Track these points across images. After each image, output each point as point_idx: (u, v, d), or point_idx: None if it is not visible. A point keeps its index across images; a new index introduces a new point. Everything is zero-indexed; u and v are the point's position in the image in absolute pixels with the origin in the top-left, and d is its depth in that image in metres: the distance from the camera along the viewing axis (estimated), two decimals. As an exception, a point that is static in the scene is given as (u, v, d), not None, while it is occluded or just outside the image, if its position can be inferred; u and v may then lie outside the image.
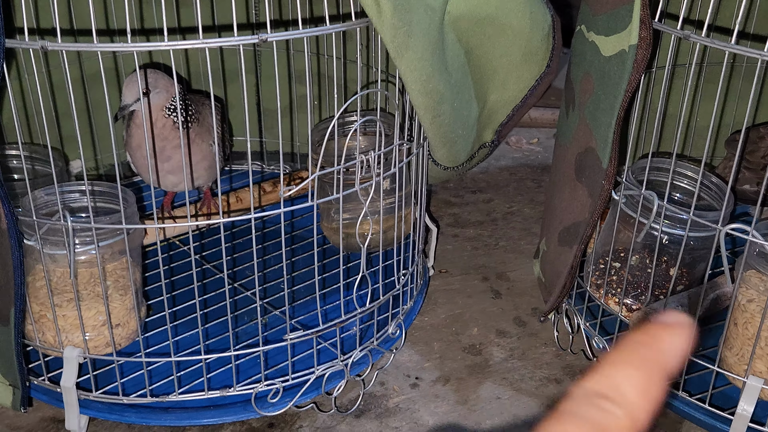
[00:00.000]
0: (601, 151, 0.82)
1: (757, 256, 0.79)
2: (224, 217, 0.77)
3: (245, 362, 0.89)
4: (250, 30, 1.23)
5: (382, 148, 0.83)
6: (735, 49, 0.70)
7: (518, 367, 1.01)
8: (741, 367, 0.82)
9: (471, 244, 1.29)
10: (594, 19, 0.84)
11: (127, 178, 1.22)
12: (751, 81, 1.13)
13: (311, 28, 0.72)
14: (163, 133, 0.94)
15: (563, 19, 1.02)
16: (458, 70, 0.90)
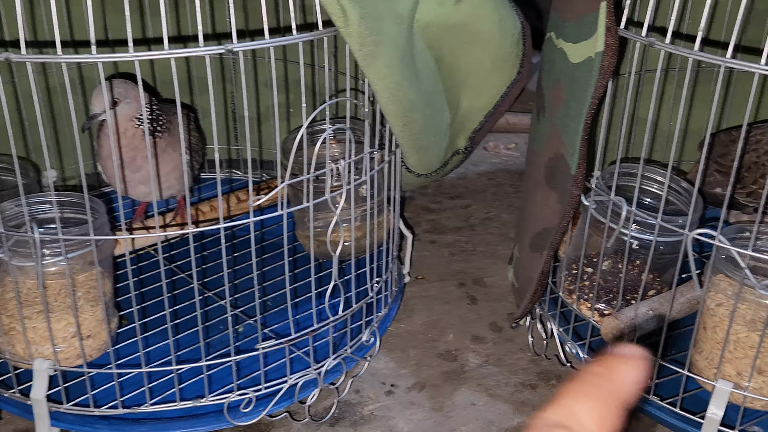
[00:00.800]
0: (570, 157, 0.82)
1: (725, 261, 0.80)
2: (194, 227, 0.76)
3: (218, 372, 0.88)
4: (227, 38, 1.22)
5: (352, 156, 0.83)
6: (699, 56, 0.70)
7: (494, 373, 1.01)
8: (711, 371, 0.83)
9: (448, 250, 1.29)
10: (563, 26, 0.84)
11: (94, 188, 1.21)
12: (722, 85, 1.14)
13: (278, 38, 0.72)
14: (133, 143, 0.94)
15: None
16: (429, 77, 0.90)
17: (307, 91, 1.22)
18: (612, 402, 0.24)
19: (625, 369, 0.25)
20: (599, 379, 0.24)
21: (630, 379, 0.25)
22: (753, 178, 0.94)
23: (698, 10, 1.05)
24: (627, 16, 0.78)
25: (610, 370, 0.25)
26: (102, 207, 0.87)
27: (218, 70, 1.26)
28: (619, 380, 0.25)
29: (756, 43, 1.11)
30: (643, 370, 0.25)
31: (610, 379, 0.24)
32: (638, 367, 0.25)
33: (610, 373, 0.25)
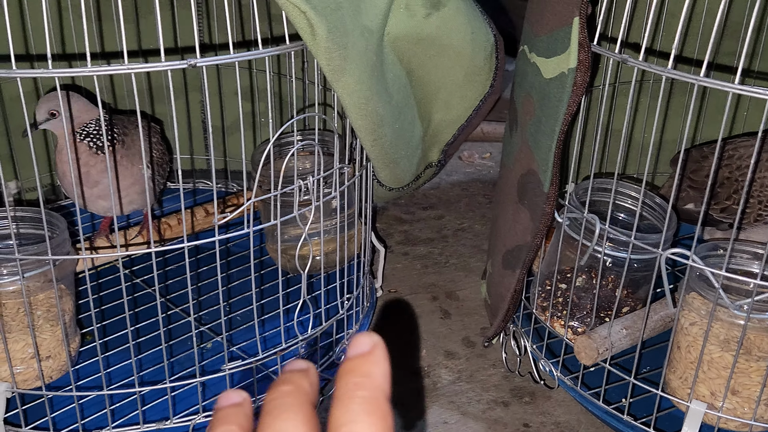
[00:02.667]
0: (542, 174, 0.81)
1: (699, 279, 0.79)
2: (156, 245, 0.74)
3: (185, 392, 0.86)
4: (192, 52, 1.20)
5: (321, 171, 0.81)
6: (672, 74, 0.69)
7: (466, 390, 1.00)
8: (685, 391, 0.82)
9: (421, 263, 1.27)
10: (536, 40, 0.83)
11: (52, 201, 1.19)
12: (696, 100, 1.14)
13: (243, 52, 0.70)
14: (83, 157, 0.92)
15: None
16: (399, 91, 0.89)
17: (277, 101, 1.20)
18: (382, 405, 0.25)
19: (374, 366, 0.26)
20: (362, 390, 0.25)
21: (382, 373, 0.26)
22: (726, 193, 0.93)
23: (672, 24, 1.04)
24: (600, 31, 0.77)
25: (365, 375, 0.26)
26: (63, 223, 0.84)
27: (189, 79, 1.23)
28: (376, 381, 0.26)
29: (731, 56, 1.11)
30: (385, 356, 0.26)
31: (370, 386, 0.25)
32: (383, 358, 0.26)
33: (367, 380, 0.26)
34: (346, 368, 0.26)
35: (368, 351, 0.26)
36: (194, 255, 1.11)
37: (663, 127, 1.15)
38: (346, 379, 0.26)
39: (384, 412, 0.25)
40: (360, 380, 0.26)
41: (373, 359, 0.26)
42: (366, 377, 0.26)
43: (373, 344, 0.27)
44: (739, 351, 0.77)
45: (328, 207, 0.97)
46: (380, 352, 0.27)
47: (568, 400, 0.97)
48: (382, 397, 0.25)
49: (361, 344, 0.27)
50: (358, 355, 0.26)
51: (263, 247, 1.13)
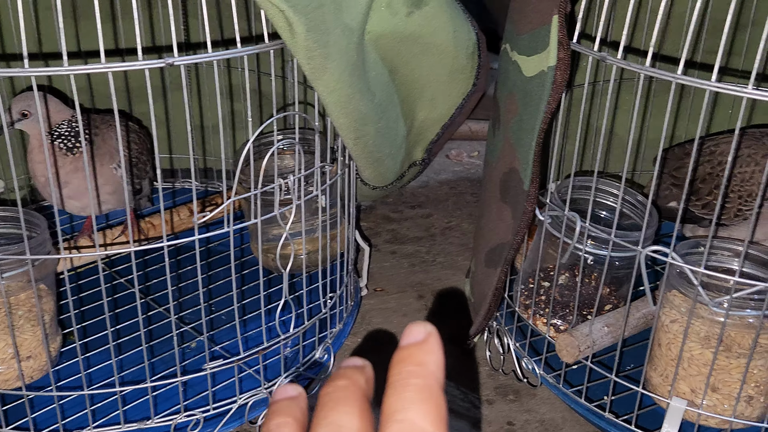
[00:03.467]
0: (523, 172, 0.81)
1: (679, 277, 0.79)
2: (136, 244, 0.74)
3: (166, 391, 0.86)
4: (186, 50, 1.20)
5: (302, 170, 0.81)
6: (650, 72, 0.69)
7: (451, 389, 1.00)
8: (666, 388, 0.82)
9: (408, 261, 1.27)
10: (517, 39, 0.83)
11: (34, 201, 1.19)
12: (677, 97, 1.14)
13: (221, 51, 0.70)
14: (53, 158, 0.92)
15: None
16: (382, 89, 0.88)
17: (258, 100, 1.20)
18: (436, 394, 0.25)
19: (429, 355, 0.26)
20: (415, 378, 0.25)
21: (436, 362, 0.26)
22: (708, 189, 0.94)
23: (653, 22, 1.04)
24: (580, 29, 0.77)
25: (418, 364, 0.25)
26: (43, 222, 0.84)
27: (173, 79, 1.23)
28: (430, 369, 0.25)
29: (714, 53, 1.11)
30: (439, 345, 0.26)
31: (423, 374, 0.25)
32: (437, 346, 0.26)
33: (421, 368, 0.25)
34: (399, 356, 0.26)
35: (422, 340, 0.26)
36: (178, 254, 1.11)
37: (646, 126, 1.15)
38: (400, 368, 0.26)
39: (438, 401, 0.25)
40: (413, 368, 0.25)
41: (427, 348, 0.26)
42: (420, 365, 0.26)
43: (427, 333, 0.26)
44: (719, 348, 0.77)
45: (311, 206, 0.97)
46: (434, 341, 0.26)
47: (553, 398, 0.97)
48: (436, 386, 0.25)
49: (415, 333, 0.26)
50: (412, 344, 0.26)
51: (248, 247, 1.13)
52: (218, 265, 1.08)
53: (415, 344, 0.26)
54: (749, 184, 0.91)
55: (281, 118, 1.15)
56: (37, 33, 1.11)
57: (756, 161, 0.91)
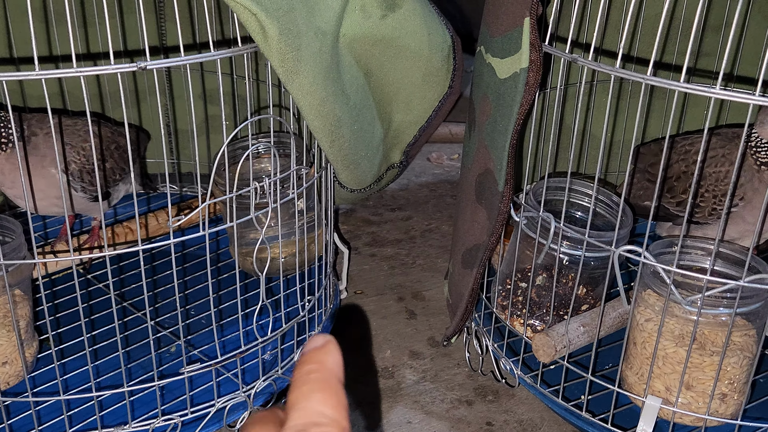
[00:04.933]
0: (497, 173, 0.81)
1: (653, 276, 0.80)
2: (110, 249, 0.74)
3: (145, 396, 0.86)
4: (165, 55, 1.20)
5: (277, 173, 0.81)
6: (620, 73, 0.70)
7: (430, 390, 1.00)
8: (641, 387, 0.83)
9: (388, 264, 1.28)
10: (491, 41, 0.84)
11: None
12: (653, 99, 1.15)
13: (194, 55, 0.70)
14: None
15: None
16: (357, 92, 0.89)
17: (234, 104, 1.20)
18: (334, 385, 0.28)
19: (326, 355, 0.29)
20: (314, 374, 0.28)
21: (334, 361, 0.29)
22: (682, 187, 0.94)
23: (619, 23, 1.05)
24: (551, 32, 0.77)
25: (317, 362, 0.28)
26: (18, 228, 0.83)
27: (155, 83, 1.23)
28: (328, 366, 0.28)
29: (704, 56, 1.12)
30: (337, 348, 0.29)
31: (322, 370, 0.28)
32: (335, 349, 0.29)
33: (319, 365, 0.28)
34: (301, 360, 0.29)
35: (321, 345, 0.29)
36: (157, 259, 1.10)
37: (622, 126, 1.16)
38: (301, 368, 0.28)
39: (336, 390, 0.28)
40: (313, 367, 0.28)
41: (326, 350, 0.29)
42: (318, 364, 0.28)
43: (326, 340, 0.29)
44: (692, 346, 0.78)
45: (288, 210, 0.97)
46: (332, 346, 0.29)
47: (531, 398, 0.98)
48: (334, 379, 0.28)
49: (315, 341, 0.30)
50: (312, 349, 0.29)
51: (226, 251, 1.13)
52: (197, 269, 1.08)
53: (314, 349, 0.29)
54: (723, 183, 0.92)
55: (257, 122, 1.15)
56: (7, 38, 1.11)
57: (730, 161, 0.92)
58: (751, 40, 1.10)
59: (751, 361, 0.80)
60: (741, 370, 0.79)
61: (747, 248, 0.83)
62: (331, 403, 0.27)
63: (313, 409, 0.27)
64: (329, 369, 0.28)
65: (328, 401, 0.27)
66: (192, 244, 1.12)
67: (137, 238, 1.08)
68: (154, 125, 1.25)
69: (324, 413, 0.27)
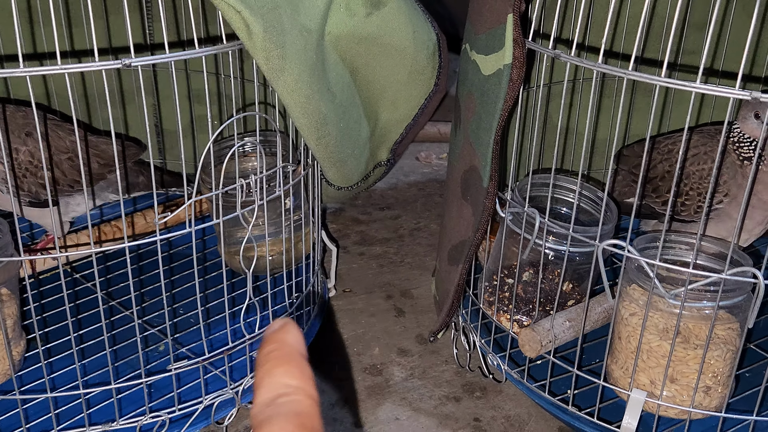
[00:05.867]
0: (482, 169, 0.82)
1: (637, 271, 0.81)
2: (97, 246, 0.74)
3: (132, 393, 0.86)
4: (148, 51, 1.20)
5: (263, 171, 0.82)
6: (602, 68, 0.71)
7: (418, 386, 1.01)
8: (626, 380, 0.83)
9: (377, 262, 1.28)
10: (475, 38, 0.84)
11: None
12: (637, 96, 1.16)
13: (178, 52, 0.71)
14: None
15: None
16: (343, 90, 0.89)
17: (221, 102, 1.20)
18: (296, 358, 0.28)
19: (285, 334, 0.29)
20: (275, 352, 0.28)
21: (293, 338, 0.29)
22: (667, 187, 0.95)
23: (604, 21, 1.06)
24: (535, 28, 0.78)
25: (277, 342, 0.29)
26: (5, 226, 0.84)
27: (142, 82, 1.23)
28: (288, 342, 0.29)
29: (673, 52, 1.13)
30: (296, 327, 0.30)
31: (282, 347, 0.29)
32: (293, 328, 0.30)
33: (279, 344, 0.29)
34: (261, 345, 0.29)
35: (279, 327, 0.30)
36: (145, 258, 1.10)
37: (606, 124, 1.17)
38: (261, 350, 0.29)
39: (299, 363, 0.28)
40: (273, 346, 0.29)
41: (284, 330, 0.29)
42: (278, 342, 0.29)
43: (284, 322, 0.30)
44: (676, 340, 0.79)
45: (275, 208, 0.97)
46: (291, 326, 0.30)
47: (519, 394, 0.98)
48: (295, 353, 0.28)
49: (273, 325, 0.30)
50: (270, 332, 0.30)
51: (213, 250, 1.13)
52: (185, 268, 1.08)
53: (273, 330, 0.30)
54: (707, 181, 0.93)
55: (243, 121, 1.16)
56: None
57: (713, 158, 0.93)
58: (735, 36, 1.11)
59: (734, 354, 0.80)
60: (724, 363, 0.80)
61: (736, 245, 0.84)
62: (295, 373, 0.27)
63: (277, 382, 0.27)
64: (289, 344, 0.29)
65: (292, 373, 0.27)
66: (179, 243, 1.13)
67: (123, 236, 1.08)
68: (141, 126, 1.26)
69: (289, 384, 0.27)
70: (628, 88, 1.13)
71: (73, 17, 1.15)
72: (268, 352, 0.28)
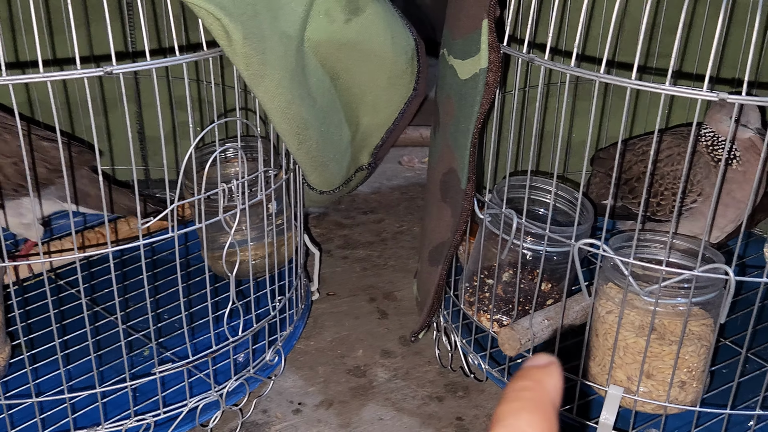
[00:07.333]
0: (460, 171, 0.84)
1: (613, 269, 0.82)
2: (80, 251, 0.75)
3: (117, 398, 0.87)
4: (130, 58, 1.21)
5: (245, 175, 0.83)
6: (575, 72, 0.72)
7: (401, 387, 1.02)
8: (604, 377, 0.85)
9: (360, 265, 1.29)
10: (453, 43, 0.86)
11: None
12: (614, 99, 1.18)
13: (160, 59, 0.72)
14: None
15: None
16: (324, 95, 0.91)
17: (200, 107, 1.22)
18: (547, 409, 0.25)
19: (546, 376, 0.26)
20: (528, 392, 0.26)
21: (553, 384, 0.26)
22: (643, 187, 0.97)
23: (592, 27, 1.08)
24: (509, 33, 0.80)
25: (535, 381, 0.26)
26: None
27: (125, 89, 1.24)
28: (545, 387, 0.26)
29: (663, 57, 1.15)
30: (559, 373, 0.27)
31: (537, 389, 0.26)
32: (556, 372, 0.27)
33: (536, 384, 0.26)
34: (517, 375, 0.27)
35: (544, 363, 0.27)
36: (130, 263, 1.11)
37: (583, 127, 1.19)
38: (515, 384, 0.26)
39: (548, 414, 0.25)
40: (529, 384, 0.26)
41: (547, 370, 0.27)
42: (535, 382, 0.26)
43: (549, 361, 0.27)
44: (652, 336, 0.80)
45: (258, 212, 0.98)
46: (555, 368, 0.27)
47: (501, 393, 1.00)
48: (548, 402, 0.26)
49: (537, 359, 0.28)
50: (532, 366, 0.27)
51: (198, 255, 1.14)
52: (169, 273, 1.09)
53: (534, 366, 0.27)
54: (681, 181, 0.95)
55: (226, 127, 1.17)
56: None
57: (690, 159, 0.95)
58: (709, 40, 1.13)
59: (708, 350, 0.82)
60: (699, 358, 0.82)
61: (707, 242, 0.85)
62: (540, 427, 0.25)
63: (519, 428, 0.25)
64: (545, 390, 0.26)
65: (537, 424, 0.25)
66: (163, 249, 1.13)
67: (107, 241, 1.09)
68: (124, 133, 1.26)
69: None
70: (602, 91, 1.15)
71: (55, 26, 1.16)
72: (522, 389, 0.26)
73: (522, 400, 0.25)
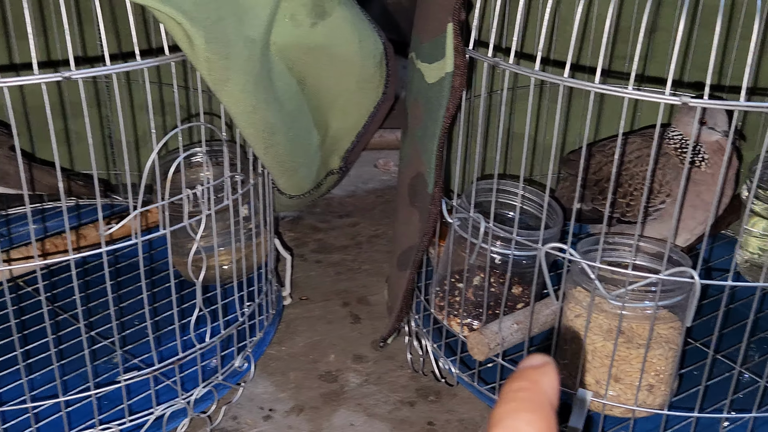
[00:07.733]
0: (428, 175, 0.83)
1: (580, 273, 0.82)
2: (41, 259, 0.74)
3: (83, 406, 0.85)
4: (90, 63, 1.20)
5: (210, 181, 0.82)
6: (539, 75, 0.72)
7: (373, 392, 1.01)
8: (572, 381, 0.85)
9: (334, 270, 1.29)
10: (420, 47, 0.86)
11: None
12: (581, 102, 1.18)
13: (120, 64, 0.71)
14: None
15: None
16: (291, 99, 0.90)
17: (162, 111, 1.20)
18: (544, 408, 0.26)
19: (542, 376, 0.27)
20: (525, 393, 0.26)
21: (550, 383, 0.27)
22: (614, 189, 0.97)
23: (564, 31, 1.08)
24: (475, 37, 0.80)
25: (531, 381, 0.26)
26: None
27: (92, 94, 1.23)
28: (542, 387, 0.26)
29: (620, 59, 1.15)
30: (555, 372, 0.27)
31: (534, 389, 0.26)
32: (552, 371, 0.27)
33: (532, 384, 0.26)
34: (512, 377, 0.27)
35: (539, 364, 0.27)
36: (94, 271, 1.10)
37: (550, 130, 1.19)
38: (511, 384, 0.26)
39: (546, 415, 0.25)
40: (525, 384, 0.26)
41: (542, 370, 0.27)
42: (531, 382, 0.26)
43: (544, 361, 0.28)
44: (620, 340, 0.80)
45: (225, 218, 0.97)
46: (550, 368, 0.27)
47: (472, 397, 0.99)
48: (546, 402, 0.26)
49: (532, 360, 0.28)
50: (528, 366, 0.27)
51: (164, 262, 1.13)
52: (135, 279, 1.08)
53: (529, 367, 0.27)
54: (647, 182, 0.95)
55: (190, 132, 1.16)
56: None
57: (656, 160, 0.95)
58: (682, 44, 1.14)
59: (676, 353, 0.82)
60: (667, 361, 0.82)
61: (673, 244, 0.85)
62: (539, 426, 0.25)
63: (518, 428, 0.25)
64: (542, 390, 0.26)
65: (536, 424, 0.25)
66: (129, 256, 1.12)
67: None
68: (84, 140, 1.25)
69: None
70: (568, 94, 1.15)
71: (17, 30, 1.14)
72: (518, 389, 0.26)
73: (519, 401, 0.26)
